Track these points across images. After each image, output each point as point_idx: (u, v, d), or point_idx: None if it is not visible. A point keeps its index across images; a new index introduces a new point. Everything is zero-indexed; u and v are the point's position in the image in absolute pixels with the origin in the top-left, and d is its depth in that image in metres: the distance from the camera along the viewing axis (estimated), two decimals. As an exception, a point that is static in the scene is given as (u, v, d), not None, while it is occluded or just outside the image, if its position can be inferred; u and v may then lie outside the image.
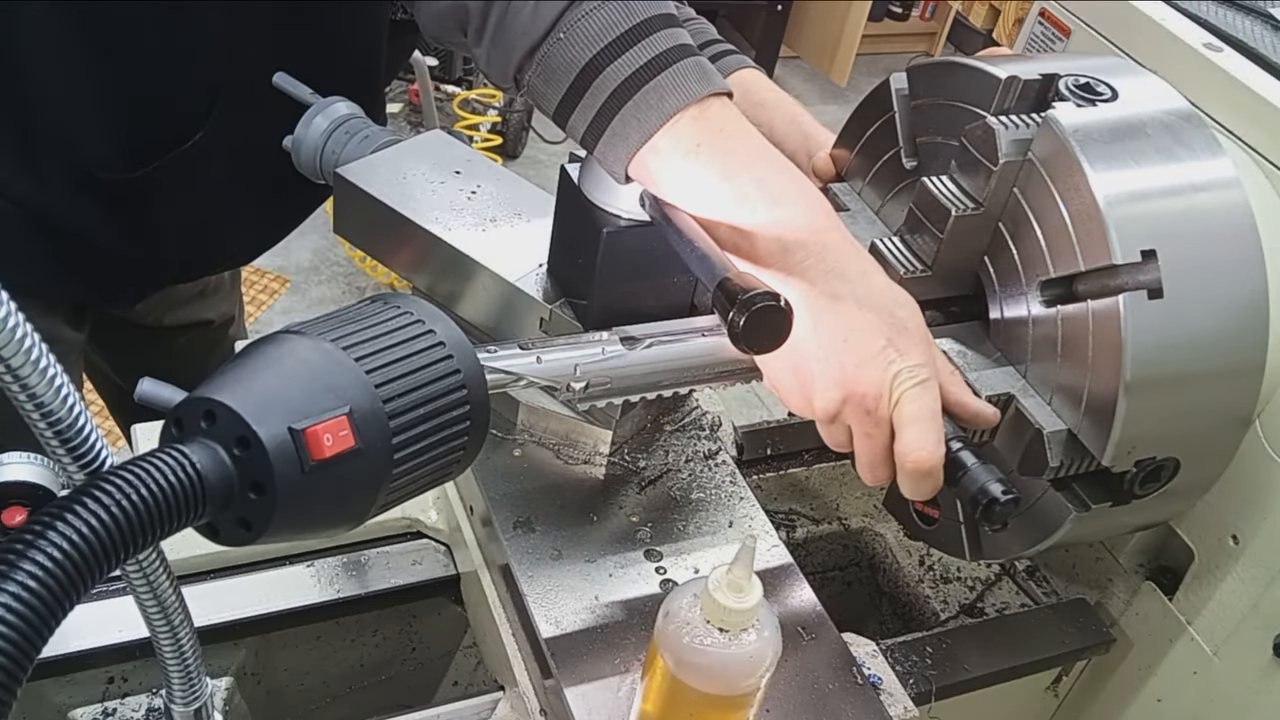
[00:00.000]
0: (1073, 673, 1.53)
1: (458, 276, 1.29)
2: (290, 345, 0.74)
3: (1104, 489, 1.07)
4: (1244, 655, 1.35)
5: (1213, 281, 1.02)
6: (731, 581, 0.89)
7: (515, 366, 0.96)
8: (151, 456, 0.64)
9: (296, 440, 0.68)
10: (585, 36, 0.98)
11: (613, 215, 1.14)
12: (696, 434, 1.34)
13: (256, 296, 3.43)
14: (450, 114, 3.77)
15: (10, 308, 0.60)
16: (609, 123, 0.99)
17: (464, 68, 4.05)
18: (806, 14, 5.33)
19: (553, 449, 1.29)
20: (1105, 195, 0.99)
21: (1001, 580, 1.57)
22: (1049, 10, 1.63)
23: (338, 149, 1.39)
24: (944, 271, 1.13)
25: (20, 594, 0.54)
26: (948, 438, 0.98)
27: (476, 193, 1.34)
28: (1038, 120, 1.06)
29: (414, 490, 0.79)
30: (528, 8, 0.99)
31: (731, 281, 0.91)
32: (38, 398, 0.64)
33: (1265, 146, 1.31)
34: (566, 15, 0.98)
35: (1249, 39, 1.41)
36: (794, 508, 1.64)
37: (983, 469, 0.97)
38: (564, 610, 1.11)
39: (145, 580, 0.78)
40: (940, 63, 1.19)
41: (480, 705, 1.20)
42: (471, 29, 1.06)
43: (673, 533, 1.22)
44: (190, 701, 0.91)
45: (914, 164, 1.24)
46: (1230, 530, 1.33)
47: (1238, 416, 1.08)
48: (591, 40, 0.98)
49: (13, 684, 0.52)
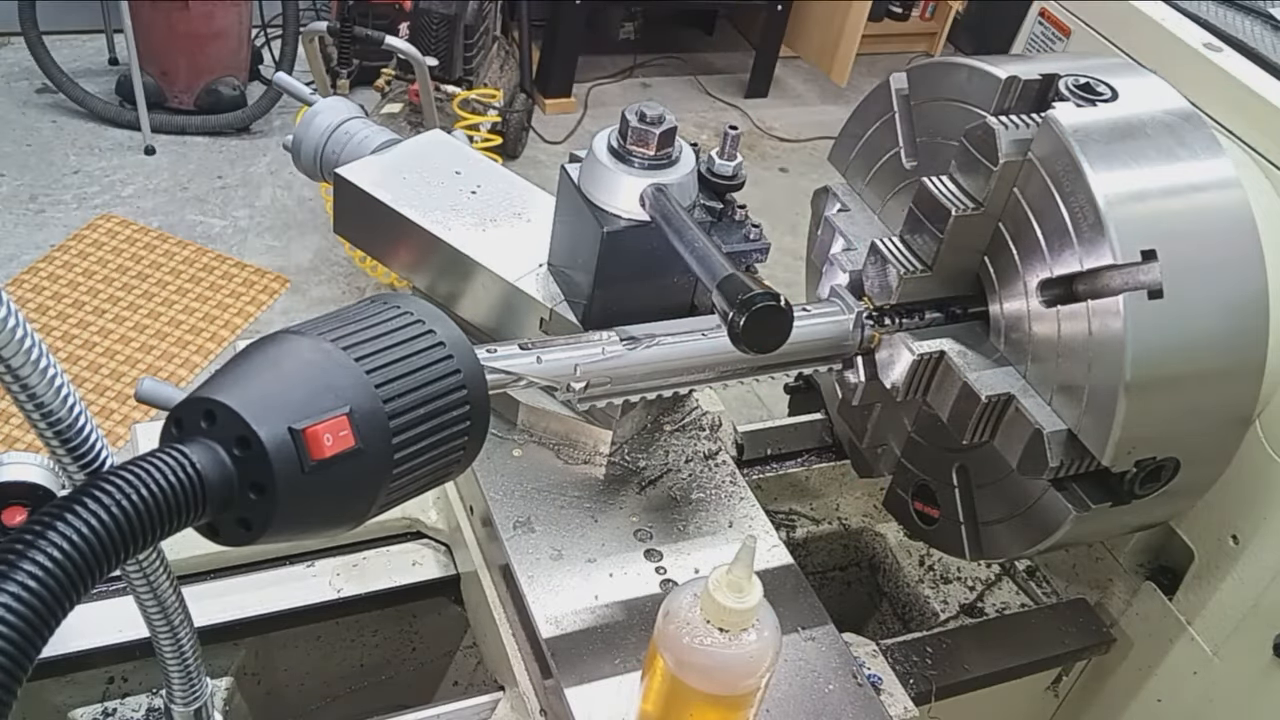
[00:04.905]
0: (1073, 673, 1.53)
1: (458, 276, 1.29)
2: (290, 345, 0.74)
3: (1104, 489, 1.07)
4: (1244, 655, 1.35)
5: (1213, 281, 1.01)
6: (731, 581, 0.89)
7: (515, 366, 0.96)
8: (151, 456, 0.64)
9: (296, 440, 0.68)
10: None
11: (613, 215, 1.14)
12: (696, 434, 1.34)
13: (256, 297, 3.42)
14: (450, 114, 3.77)
15: (10, 308, 0.60)
16: None
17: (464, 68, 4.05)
18: (806, 14, 5.32)
19: (553, 449, 1.28)
20: (1105, 195, 0.99)
21: (1001, 580, 1.57)
22: (1049, 10, 1.63)
23: (338, 149, 1.39)
24: (944, 271, 1.13)
25: (20, 594, 0.54)
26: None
27: (476, 193, 1.34)
28: (1038, 120, 1.06)
29: (414, 490, 0.79)
30: None
31: (731, 281, 0.91)
32: (38, 398, 0.64)
33: (1265, 146, 1.31)
34: None
35: (1249, 39, 1.41)
36: (794, 508, 1.64)
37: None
38: (564, 610, 1.11)
39: (145, 580, 0.78)
40: (940, 63, 1.19)
41: (480, 705, 1.20)
42: None
43: (673, 533, 1.21)
44: (190, 701, 0.91)
45: (914, 164, 1.24)
46: (1230, 530, 1.33)
47: (1238, 416, 1.08)
48: None
49: (13, 684, 0.52)
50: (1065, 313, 1.04)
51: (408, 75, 3.64)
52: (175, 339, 3.32)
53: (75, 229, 3.63)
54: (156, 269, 3.54)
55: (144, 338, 3.30)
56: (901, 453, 1.32)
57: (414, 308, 0.80)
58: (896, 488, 1.34)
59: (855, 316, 1.14)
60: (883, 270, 1.14)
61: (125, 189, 3.85)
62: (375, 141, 1.38)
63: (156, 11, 3.88)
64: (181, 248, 3.63)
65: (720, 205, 1.21)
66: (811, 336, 1.13)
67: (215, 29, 4.02)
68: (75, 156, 3.94)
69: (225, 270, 3.57)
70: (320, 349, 0.73)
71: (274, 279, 3.54)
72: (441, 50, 3.82)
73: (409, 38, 3.59)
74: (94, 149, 3.99)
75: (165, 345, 3.29)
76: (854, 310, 1.14)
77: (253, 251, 3.68)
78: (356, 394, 0.72)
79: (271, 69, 4.34)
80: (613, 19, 5.12)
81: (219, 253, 3.64)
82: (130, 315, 3.37)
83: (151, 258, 3.58)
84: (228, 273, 3.56)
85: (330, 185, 1.36)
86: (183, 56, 4.01)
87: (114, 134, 4.05)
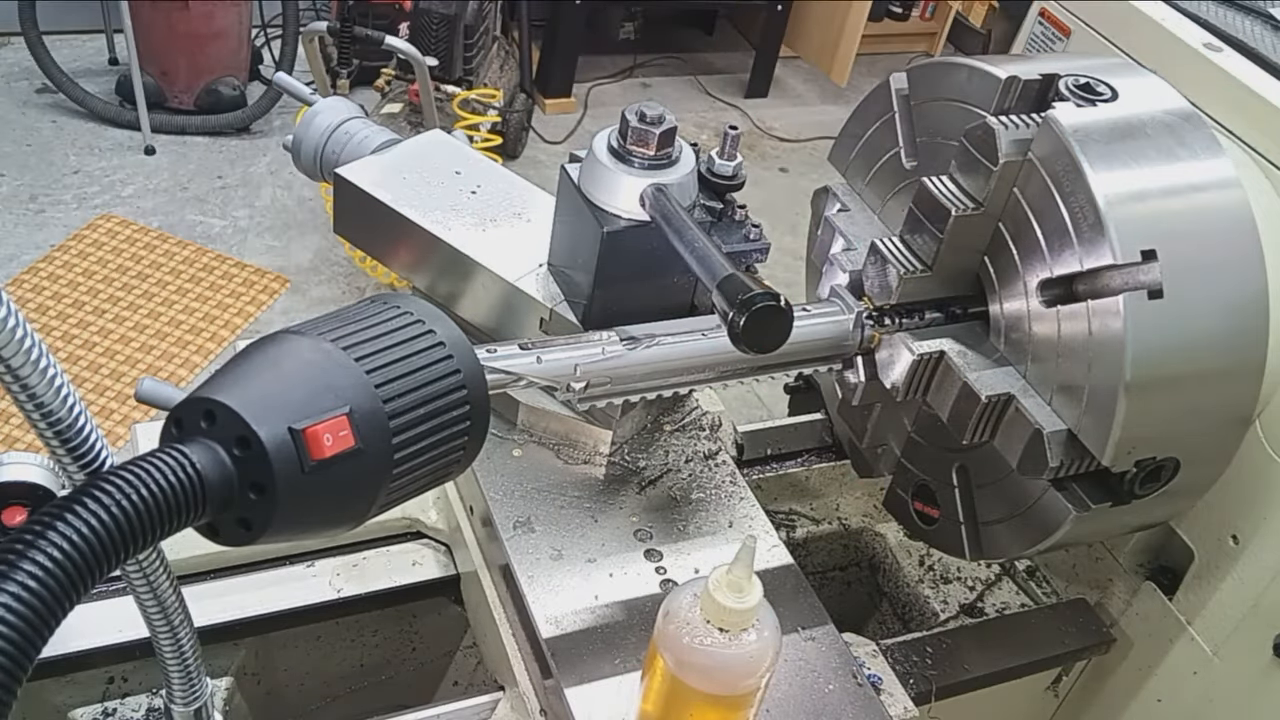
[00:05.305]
0: (1073, 673, 1.53)
1: (458, 276, 1.29)
2: (290, 345, 0.74)
3: (1104, 489, 1.07)
4: (1244, 655, 1.35)
5: (1213, 281, 1.01)
6: (731, 581, 0.89)
7: (515, 366, 0.96)
8: (151, 456, 0.64)
9: (296, 440, 0.68)
10: None
11: (613, 215, 1.14)
12: (696, 434, 1.34)
13: (256, 297, 3.42)
14: (450, 114, 3.77)
15: (10, 308, 0.60)
16: None
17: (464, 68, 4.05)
18: (806, 14, 5.32)
19: (553, 449, 1.28)
20: (1105, 195, 0.99)
21: (1001, 580, 1.57)
22: (1049, 10, 1.63)
23: (338, 149, 1.39)
24: (944, 271, 1.13)
25: (20, 594, 0.54)
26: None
27: (476, 193, 1.34)
28: (1038, 120, 1.06)
29: (414, 490, 0.79)
30: None
31: (731, 281, 0.91)
32: (38, 398, 0.64)
33: (1265, 146, 1.30)
34: None
35: (1249, 39, 1.41)
36: (794, 508, 1.64)
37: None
38: (564, 610, 1.11)
39: (145, 580, 0.78)
40: (940, 63, 1.19)
41: (480, 705, 1.20)
42: None
43: (673, 533, 1.21)
44: (190, 701, 0.91)
45: (914, 164, 1.24)
46: (1230, 530, 1.33)
47: (1238, 416, 1.08)
48: None
49: (13, 684, 0.52)
50: (1065, 313, 1.04)
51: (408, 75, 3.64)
52: (175, 339, 3.32)
53: (75, 229, 3.63)
54: (156, 269, 3.54)
55: (144, 338, 3.30)
56: (901, 453, 1.32)
57: (414, 308, 0.80)
58: (896, 488, 1.34)
59: (855, 316, 1.14)
60: (883, 270, 1.14)
61: (125, 189, 3.85)
62: (375, 141, 1.38)
63: (156, 11, 3.88)
64: (181, 248, 3.63)
65: (720, 205, 1.21)
66: (811, 336, 1.13)
67: (215, 29, 4.02)
68: (75, 156, 3.94)
69: (225, 270, 3.57)
70: (320, 349, 0.73)
71: (274, 279, 3.54)
72: (441, 50, 3.82)
73: (409, 38, 3.59)
74: (94, 149, 3.99)
75: (165, 345, 3.29)
76: (854, 310, 1.14)
77: (253, 251, 3.68)
78: (356, 394, 0.72)
79: (271, 69, 4.34)
80: (613, 19, 5.12)
81: (219, 253, 3.64)
82: (130, 315, 3.37)
83: (151, 258, 3.58)
84: (228, 273, 3.56)
85: (330, 185, 1.36)
86: (183, 56, 4.01)
87: (114, 134, 4.05)
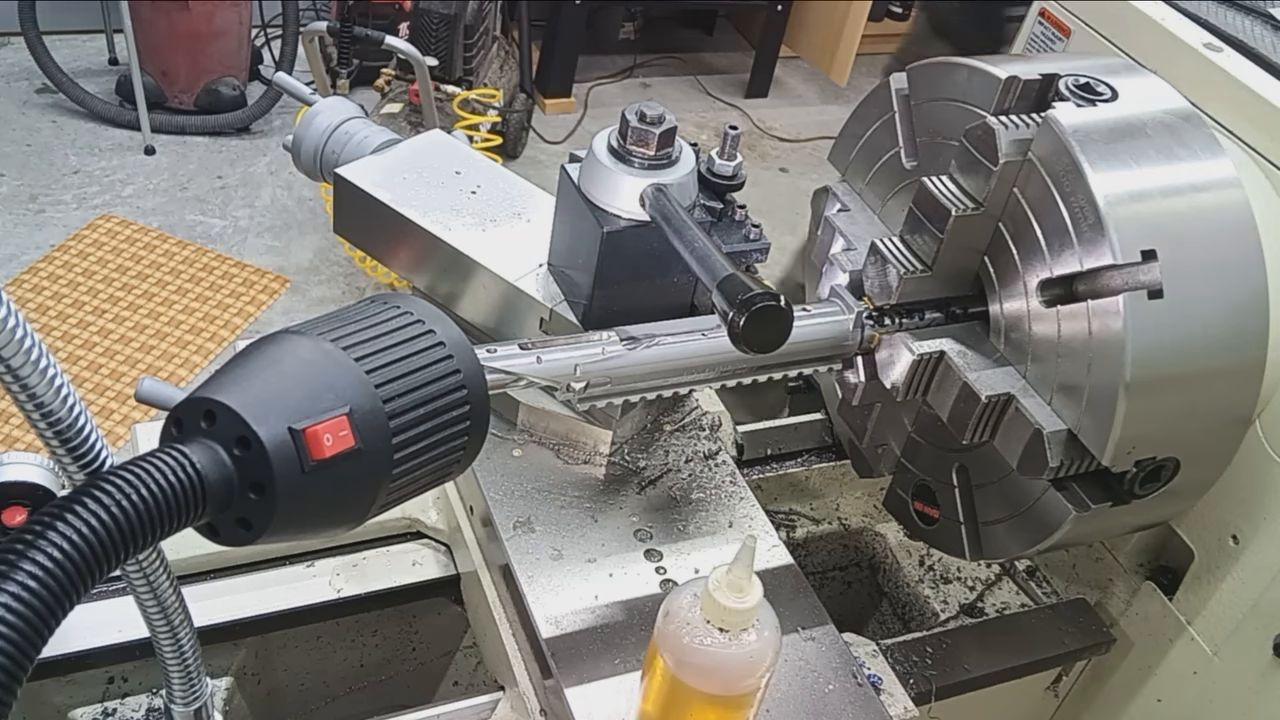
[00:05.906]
0: (1073, 673, 1.53)
1: (458, 276, 1.29)
2: (290, 345, 0.74)
3: (1104, 489, 1.07)
4: (1244, 655, 1.35)
5: (1213, 281, 1.01)
6: (731, 581, 0.89)
7: (515, 366, 0.96)
8: (151, 456, 0.64)
9: (296, 440, 0.68)
10: None
11: (613, 215, 1.14)
12: (696, 434, 1.34)
13: (256, 297, 3.42)
14: (450, 114, 3.76)
15: (10, 308, 0.60)
16: None
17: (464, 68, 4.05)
18: (806, 14, 5.32)
19: (553, 449, 1.28)
20: (1105, 195, 0.99)
21: (1001, 580, 1.57)
22: (1049, 10, 1.63)
23: (338, 149, 1.39)
24: (944, 271, 1.13)
25: (21, 594, 0.54)
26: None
27: (476, 193, 1.34)
28: (1038, 120, 1.06)
29: (414, 490, 0.79)
30: None
31: (731, 281, 0.91)
32: (38, 398, 0.64)
33: (1265, 146, 1.30)
34: None
35: (1249, 39, 1.41)
36: (794, 508, 1.64)
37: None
38: (564, 610, 1.11)
39: (145, 580, 0.78)
40: (940, 63, 1.19)
41: (480, 705, 1.20)
42: None
43: (673, 533, 1.21)
44: (190, 701, 0.91)
45: (914, 164, 1.24)
46: (1230, 530, 1.33)
47: (1238, 416, 1.08)
48: None
49: (13, 684, 0.52)
50: (1065, 313, 1.04)
51: (408, 75, 3.64)
52: (175, 339, 3.32)
53: (75, 229, 3.63)
54: (156, 269, 3.54)
55: (144, 338, 3.30)
56: (901, 453, 1.32)
57: (414, 308, 0.80)
58: (896, 488, 1.34)
59: (855, 316, 1.14)
60: (883, 270, 1.14)
61: (125, 189, 3.85)
62: (375, 141, 1.38)
63: (156, 11, 3.88)
64: (181, 248, 3.63)
65: (720, 205, 1.21)
66: (811, 336, 1.13)
67: (215, 29, 4.02)
68: (75, 156, 3.94)
69: (225, 270, 3.57)
70: (320, 349, 0.73)
71: (274, 279, 3.54)
72: (441, 50, 3.82)
73: (409, 38, 3.59)
74: (94, 149, 3.99)
75: (165, 345, 3.29)
76: (854, 310, 1.14)
77: (253, 251, 3.67)
78: (356, 394, 0.72)
79: (271, 69, 4.34)
80: (613, 19, 5.12)
81: (219, 253, 3.64)
82: (130, 315, 3.37)
83: (151, 258, 3.58)
84: (228, 273, 3.56)
85: (330, 185, 1.36)
86: (183, 56, 4.01)
87: (114, 134, 4.05)
